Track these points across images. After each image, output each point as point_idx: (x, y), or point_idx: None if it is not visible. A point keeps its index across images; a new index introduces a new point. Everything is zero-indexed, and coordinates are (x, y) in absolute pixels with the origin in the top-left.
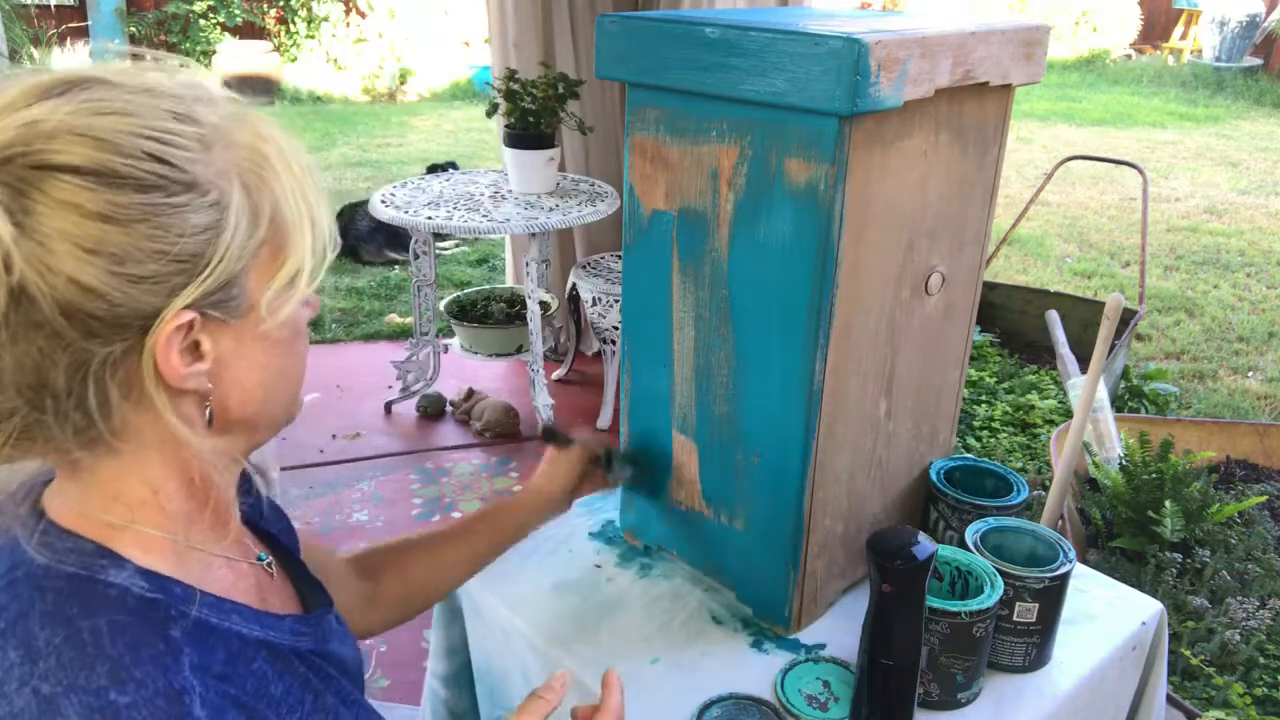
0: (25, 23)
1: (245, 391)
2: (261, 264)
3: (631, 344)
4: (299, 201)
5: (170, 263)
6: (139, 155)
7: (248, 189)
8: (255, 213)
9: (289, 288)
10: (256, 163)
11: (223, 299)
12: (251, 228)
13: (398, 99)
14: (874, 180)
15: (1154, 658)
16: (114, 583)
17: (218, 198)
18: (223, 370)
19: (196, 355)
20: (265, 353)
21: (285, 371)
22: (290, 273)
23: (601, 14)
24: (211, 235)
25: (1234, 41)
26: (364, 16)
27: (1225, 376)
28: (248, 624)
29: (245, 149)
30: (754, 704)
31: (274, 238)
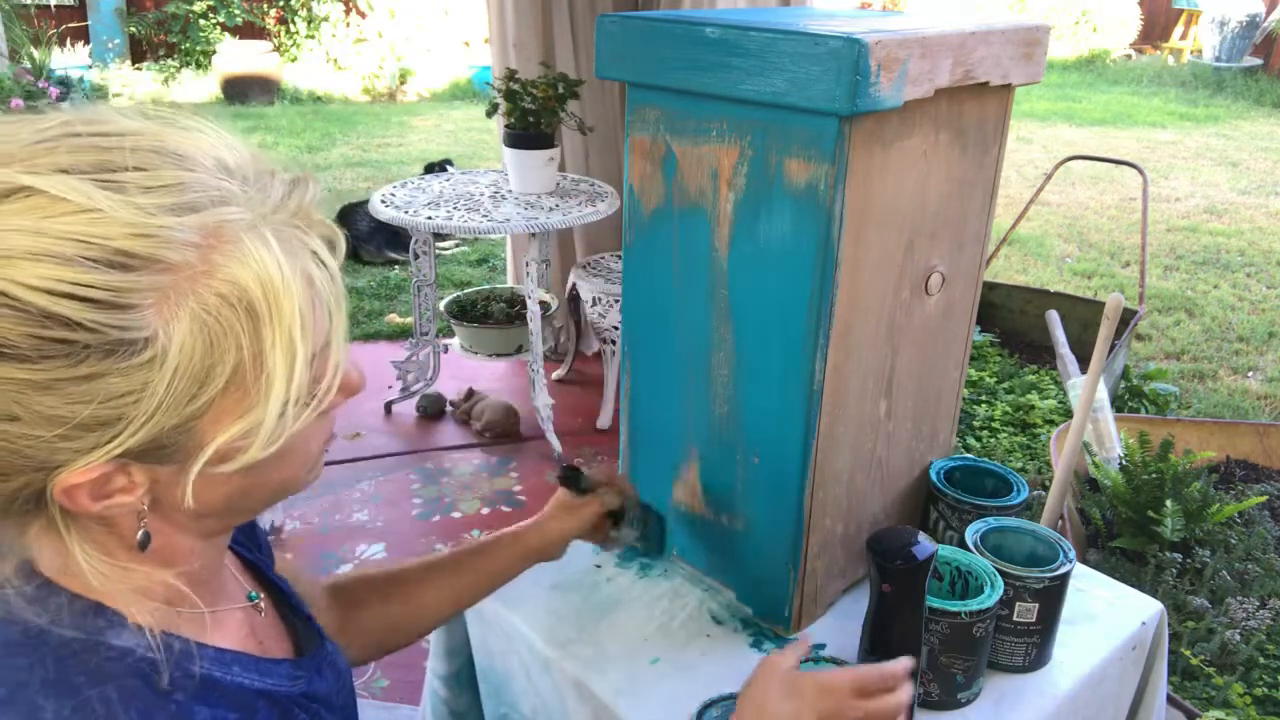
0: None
1: (202, 504)
2: (218, 414)
3: (631, 344)
4: (280, 350)
5: (72, 428)
6: (43, 321)
7: (207, 338)
8: (208, 368)
9: (248, 438)
10: (231, 304)
11: (150, 450)
12: (196, 386)
13: (398, 99)
14: (874, 180)
15: (1154, 658)
16: (115, 645)
17: (151, 356)
18: (165, 489)
19: (124, 482)
20: (229, 479)
21: (263, 484)
22: (253, 423)
23: (601, 14)
24: (134, 399)
25: (1234, 41)
26: (364, 16)
27: (1225, 376)
28: (248, 674)
29: (221, 285)
30: None
31: (237, 389)
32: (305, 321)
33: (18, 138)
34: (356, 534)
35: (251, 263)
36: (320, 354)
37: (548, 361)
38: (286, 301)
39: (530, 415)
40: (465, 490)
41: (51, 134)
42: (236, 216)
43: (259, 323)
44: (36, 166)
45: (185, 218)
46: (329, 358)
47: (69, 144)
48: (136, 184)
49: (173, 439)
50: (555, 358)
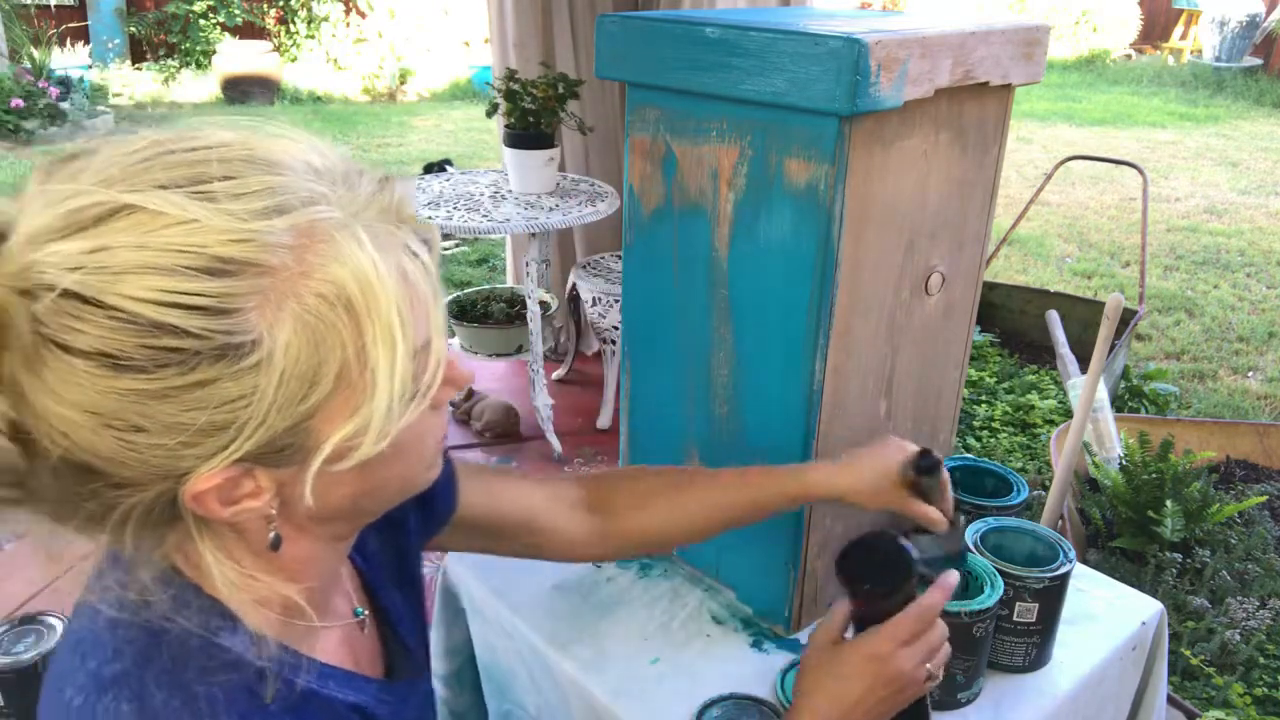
0: (25, 23)
1: (328, 504)
2: (330, 413)
3: (631, 344)
4: (381, 345)
5: (194, 435)
6: (154, 330)
7: (311, 338)
8: (314, 370)
9: (359, 435)
10: (330, 302)
11: (269, 453)
12: (305, 386)
13: (398, 99)
14: (874, 180)
15: (1154, 658)
16: (229, 649)
17: (258, 360)
18: (291, 493)
19: (253, 486)
20: (350, 474)
21: (384, 483)
22: (363, 420)
23: (601, 14)
24: (245, 403)
25: (1234, 41)
26: (364, 16)
27: (1225, 376)
28: (342, 689)
29: (319, 285)
30: (754, 704)
31: (344, 387)
32: (404, 315)
33: (116, 160)
34: None
35: (347, 260)
36: (422, 348)
37: (548, 361)
38: (384, 296)
39: (530, 415)
40: None
41: (146, 154)
42: (327, 215)
43: (359, 319)
44: (136, 185)
45: (276, 220)
46: (430, 351)
47: (163, 161)
48: (227, 192)
49: (288, 441)
50: (555, 358)
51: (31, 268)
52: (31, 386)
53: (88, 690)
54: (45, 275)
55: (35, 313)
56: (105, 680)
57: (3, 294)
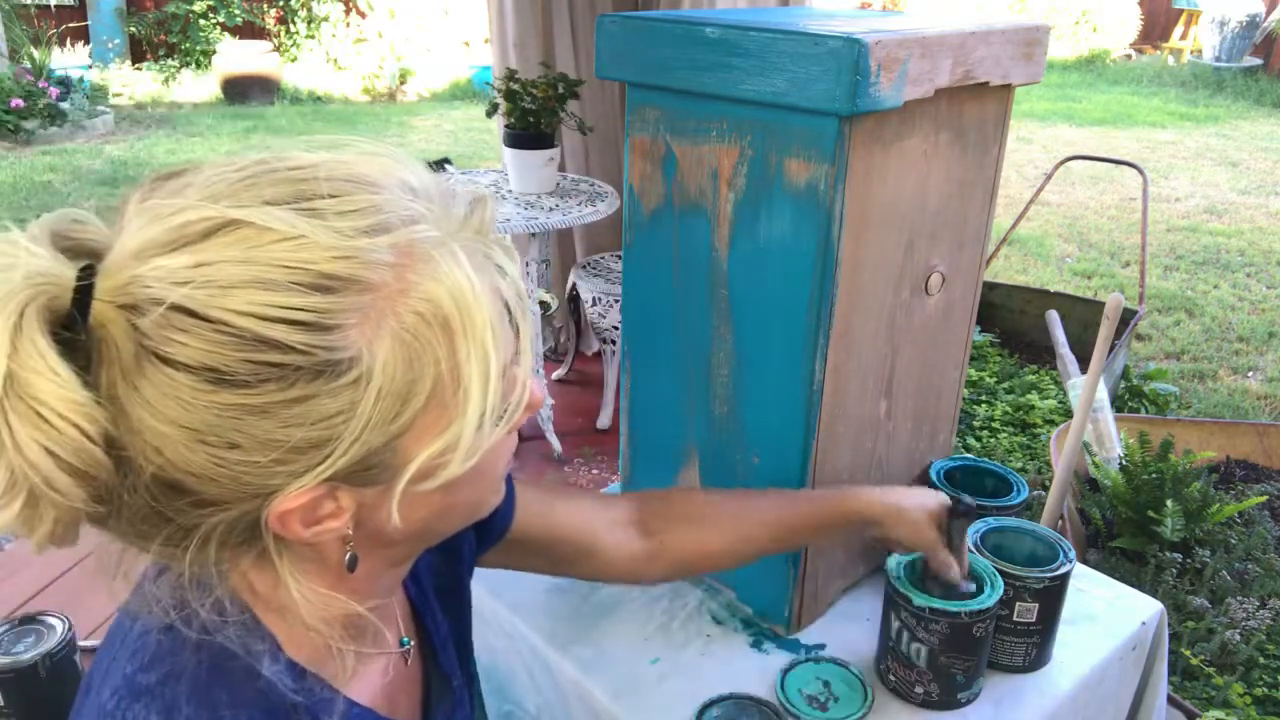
0: (25, 23)
1: (404, 530)
2: (420, 431)
3: (631, 344)
4: (474, 362)
5: (288, 451)
6: (258, 345)
7: (408, 356)
8: (409, 385)
9: (448, 453)
10: (427, 320)
11: (359, 470)
12: (400, 404)
13: (398, 99)
14: (874, 180)
15: (1154, 658)
16: (264, 675)
17: (356, 376)
18: (370, 512)
19: (334, 508)
20: (430, 495)
21: (459, 505)
22: (451, 440)
23: (601, 14)
24: (343, 419)
25: (1234, 41)
26: (364, 16)
27: (1225, 376)
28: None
29: (417, 303)
30: (754, 704)
31: (437, 405)
32: (496, 334)
33: (221, 177)
34: None
35: (444, 279)
36: (509, 367)
37: (548, 361)
38: (479, 315)
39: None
40: None
41: (251, 171)
42: (426, 234)
43: (454, 337)
44: (242, 201)
45: (379, 238)
46: (518, 370)
47: (269, 179)
48: (333, 210)
49: (379, 458)
50: (555, 358)
51: (135, 282)
52: (130, 400)
53: (121, 694)
54: (151, 289)
55: (139, 326)
56: (139, 688)
57: (106, 309)
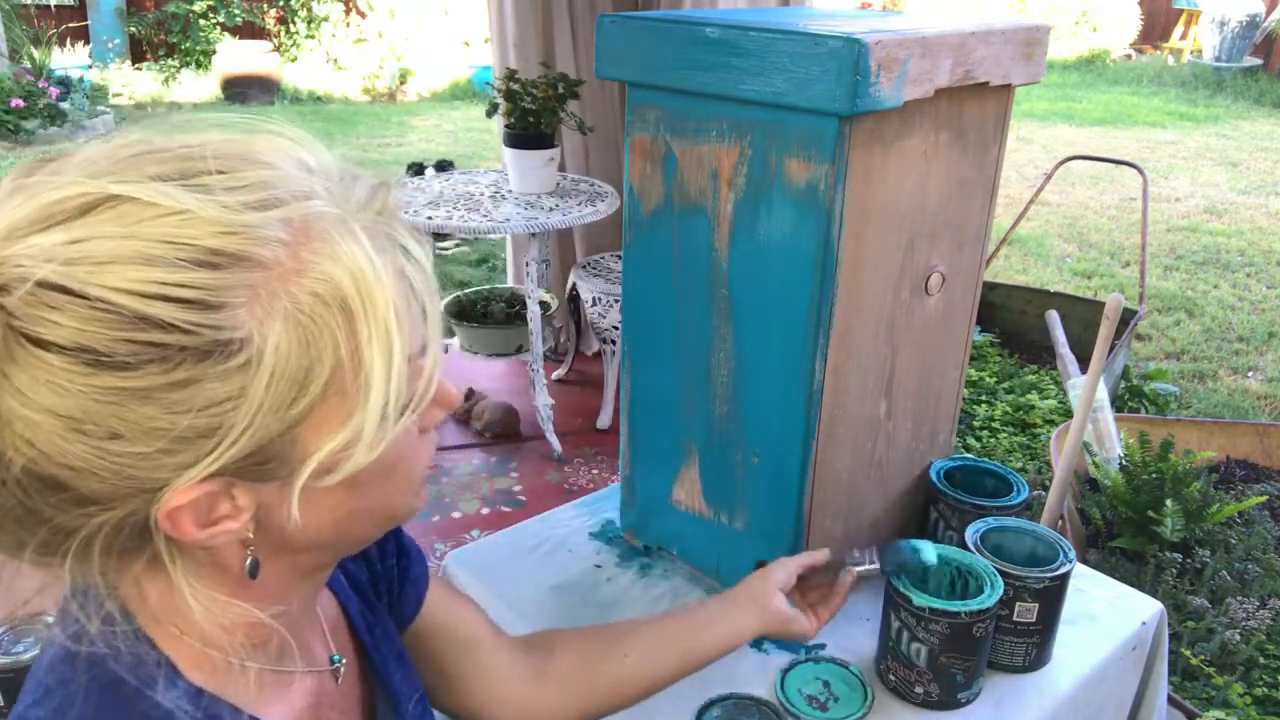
0: (25, 23)
1: (308, 530)
2: (319, 420)
3: (631, 344)
4: (376, 346)
5: (172, 440)
6: (138, 324)
7: (303, 338)
8: (306, 369)
9: (350, 446)
10: (325, 301)
11: (253, 465)
12: (296, 389)
13: (398, 99)
14: (874, 180)
15: (1154, 658)
16: (161, 704)
17: (246, 359)
18: (270, 514)
19: (229, 508)
20: (335, 496)
21: (369, 509)
22: (353, 432)
23: (601, 14)
24: (232, 405)
25: (1234, 41)
26: (364, 16)
27: (1225, 376)
28: None
29: (313, 283)
30: (754, 704)
31: (336, 392)
32: (400, 317)
33: (104, 155)
34: None
35: (343, 257)
36: (418, 354)
37: (548, 361)
38: (380, 296)
39: (530, 415)
40: (465, 490)
41: (136, 149)
42: (322, 210)
43: (354, 319)
44: (125, 177)
45: (270, 213)
46: (426, 357)
47: (153, 156)
48: (221, 185)
49: (275, 450)
50: (555, 358)
51: (5, 263)
52: (6, 377)
53: None
54: (21, 268)
55: (7, 306)
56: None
57: None
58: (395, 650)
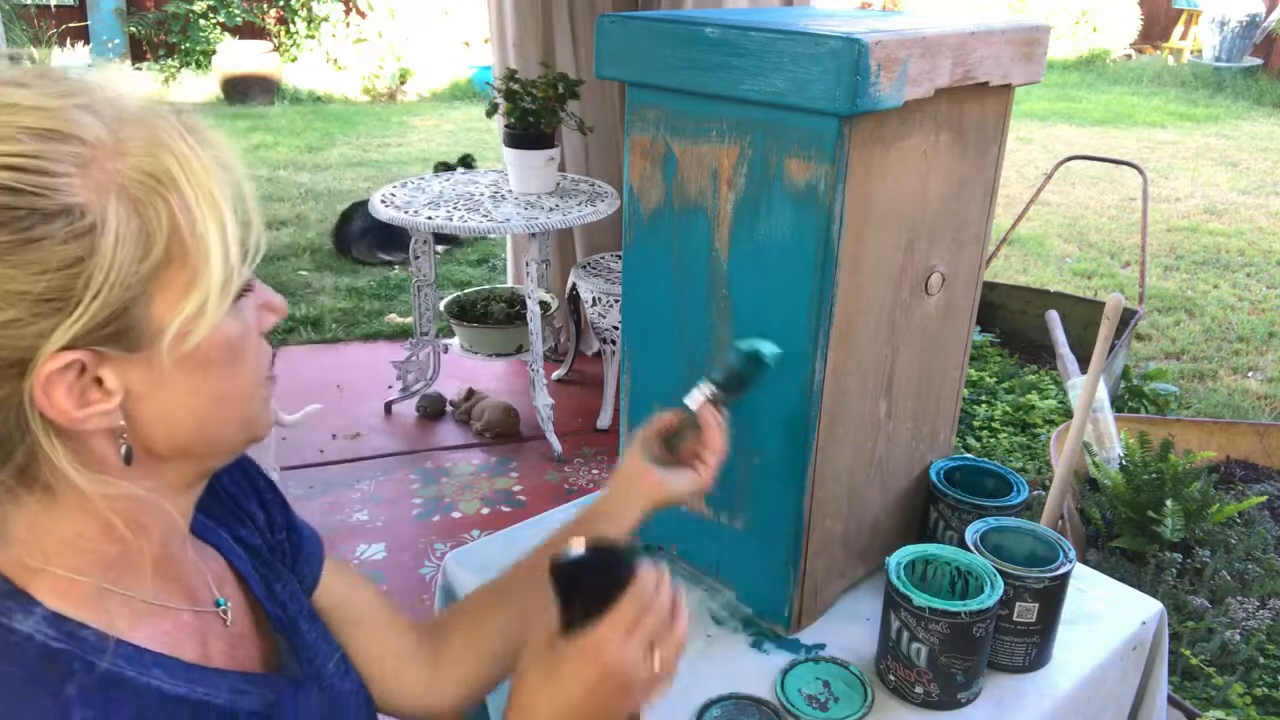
0: (25, 23)
1: (173, 423)
2: (166, 287)
3: (631, 344)
4: (207, 213)
5: (33, 303)
6: None
7: (135, 207)
8: (146, 234)
9: (200, 311)
10: (152, 175)
11: (115, 333)
12: (140, 250)
13: (398, 99)
14: (874, 180)
15: (1154, 658)
16: (17, 629)
17: (91, 223)
18: (138, 404)
19: (100, 393)
20: (193, 378)
21: (224, 396)
22: (201, 296)
23: (601, 14)
24: (84, 267)
25: (1234, 41)
26: (364, 16)
27: (1225, 376)
28: (171, 679)
29: (138, 160)
30: (754, 704)
31: (178, 257)
32: (221, 184)
33: None
34: (356, 534)
35: (162, 139)
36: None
37: (548, 361)
38: (201, 170)
39: (530, 415)
40: (465, 490)
41: None
42: (133, 101)
43: (180, 189)
44: None
45: (86, 99)
46: (252, 230)
47: None
48: (38, 84)
49: (131, 318)
50: (555, 358)
51: None
52: None
53: None
54: None
55: None
56: None
57: None
58: (304, 610)
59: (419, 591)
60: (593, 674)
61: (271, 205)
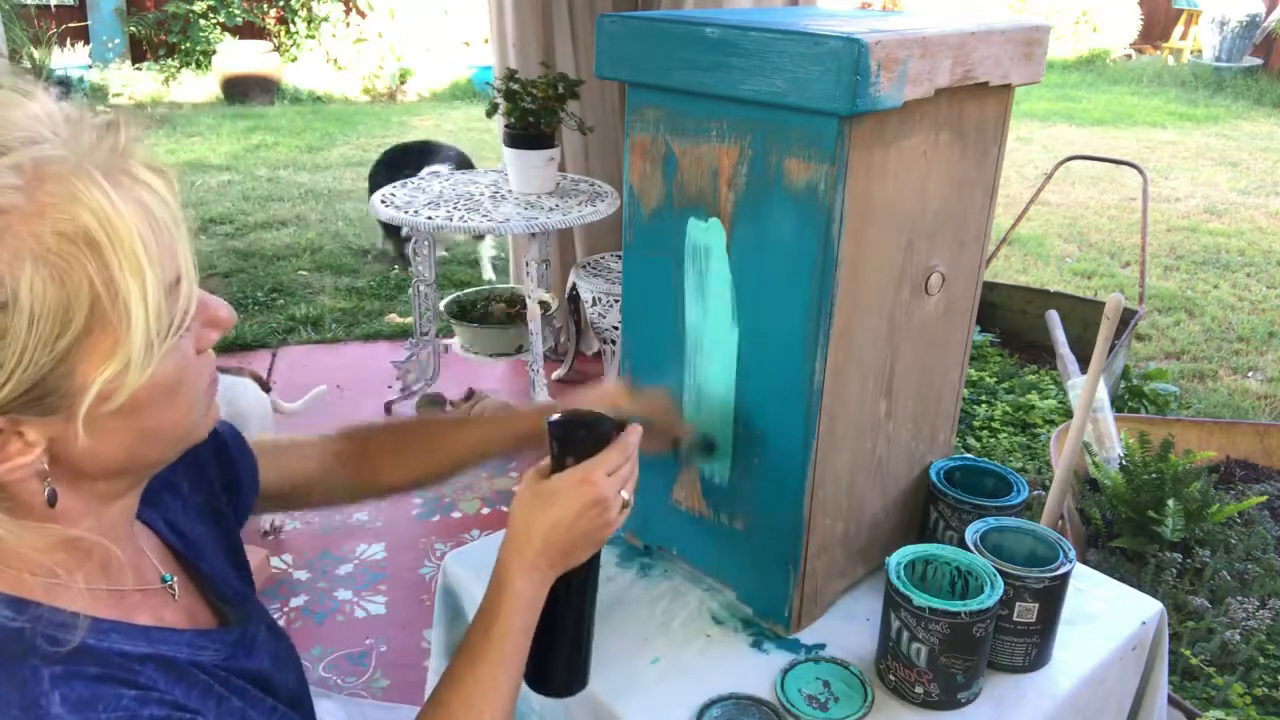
0: (25, 23)
1: (104, 456)
2: (88, 355)
3: (631, 344)
4: (129, 276)
5: None
6: None
7: (55, 276)
8: (65, 305)
9: (123, 373)
10: (69, 238)
11: (33, 400)
12: (58, 326)
13: (398, 99)
14: (874, 180)
15: (1154, 658)
16: None
17: (3, 301)
18: (65, 447)
19: (20, 444)
20: (123, 421)
21: (157, 429)
22: (124, 359)
23: (601, 14)
24: None
25: (1234, 41)
26: (364, 16)
27: (1225, 376)
28: (131, 640)
29: (55, 223)
30: (754, 704)
31: (99, 325)
32: (149, 246)
33: None
34: (356, 534)
35: (81, 196)
36: (174, 283)
37: (548, 361)
38: (123, 228)
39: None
40: (465, 490)
41: None
42: (52, 153)
43: (102, 252)
44: None
45: (5, 167)
46: (182, 284)
47: None
48: None
49: (51, 385)
50: (555, 358)
51: None
52: None
53: None
54: None
55: None
56: None
57: None
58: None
59: (419, 591)
60: (584, 499)
61: (271, 205)
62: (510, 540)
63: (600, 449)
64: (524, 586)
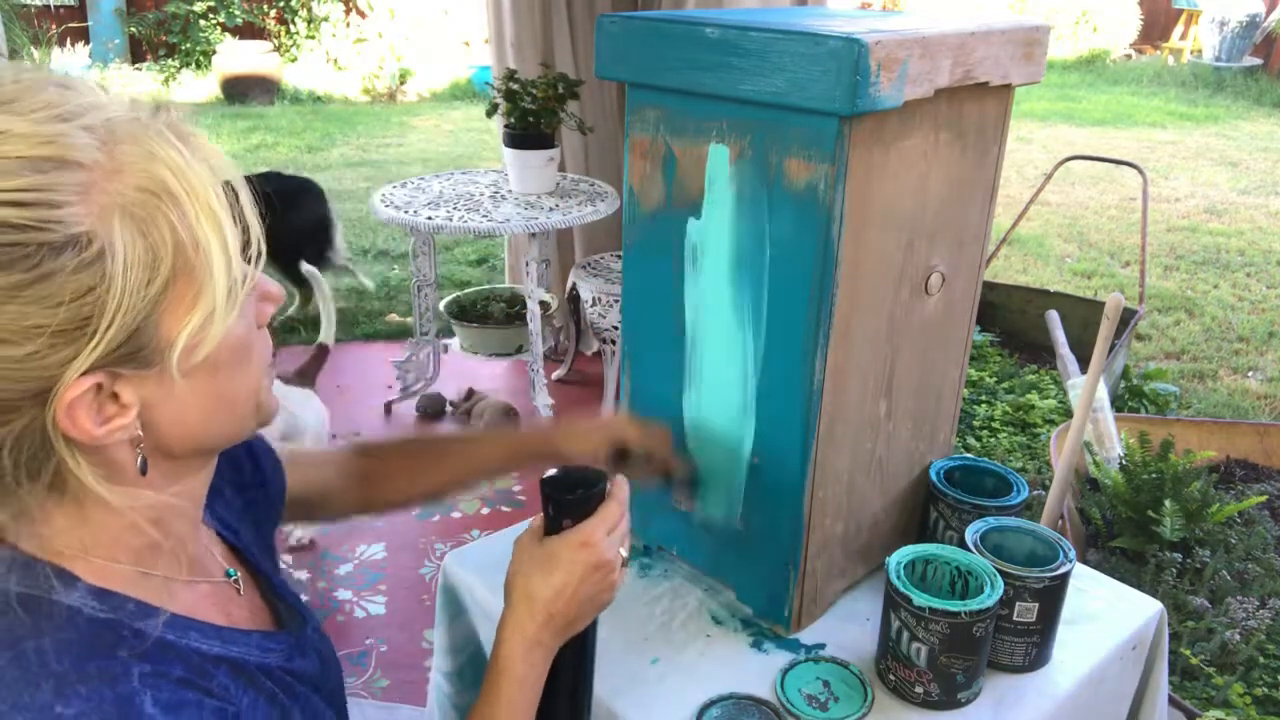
0: (25, 23)
1: (187, 424)
2: (173, 302)
3: (631, 344)
4: (207, 225)
5: (52, 336)
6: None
7: (140, 228)
8: (152, 253)
9: (207, 323)
10: (150, 192)
11: (130, 352)
12: (149, 272)
13: (398, 99)
14: (874, 180)
15: (1154, 658)
16: (63, 603)
17: (99, 249)
18: (153, 412)
19: (117, 407)
20: (204, 382)
21: (233, 394)
22: (207, 308)
23: (601, 14)
24: (97, 295)
25: (1234, 41)
26: (364, 16)
27: (1225, 376)
28: (207, 640)
29: (135, 178)
30: (754, 704)
31: (184, 273)
32: (217, 191)
33: None
34: (356, 534)
35: (158, 153)
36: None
37: (548, 361)
38: (198, 181)
39: (530, 415)
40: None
41: None
42: (120, 115)
43: (181, 204)
44: None
45: (74, 122)
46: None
47: None
48: (25, 105)
49: (144, 337)
50: (555, 358)
51: None
52: None
53: None
54: None
55: None
56: None
57: None
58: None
59: (419, 591)
60: (586, 564)
61: None
62: (511, 612)
63: (596, 508)
64: (527, 671)
